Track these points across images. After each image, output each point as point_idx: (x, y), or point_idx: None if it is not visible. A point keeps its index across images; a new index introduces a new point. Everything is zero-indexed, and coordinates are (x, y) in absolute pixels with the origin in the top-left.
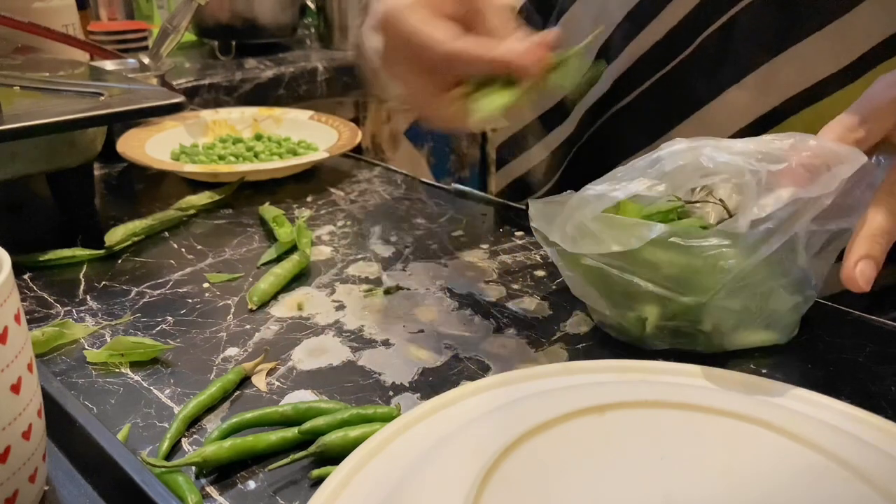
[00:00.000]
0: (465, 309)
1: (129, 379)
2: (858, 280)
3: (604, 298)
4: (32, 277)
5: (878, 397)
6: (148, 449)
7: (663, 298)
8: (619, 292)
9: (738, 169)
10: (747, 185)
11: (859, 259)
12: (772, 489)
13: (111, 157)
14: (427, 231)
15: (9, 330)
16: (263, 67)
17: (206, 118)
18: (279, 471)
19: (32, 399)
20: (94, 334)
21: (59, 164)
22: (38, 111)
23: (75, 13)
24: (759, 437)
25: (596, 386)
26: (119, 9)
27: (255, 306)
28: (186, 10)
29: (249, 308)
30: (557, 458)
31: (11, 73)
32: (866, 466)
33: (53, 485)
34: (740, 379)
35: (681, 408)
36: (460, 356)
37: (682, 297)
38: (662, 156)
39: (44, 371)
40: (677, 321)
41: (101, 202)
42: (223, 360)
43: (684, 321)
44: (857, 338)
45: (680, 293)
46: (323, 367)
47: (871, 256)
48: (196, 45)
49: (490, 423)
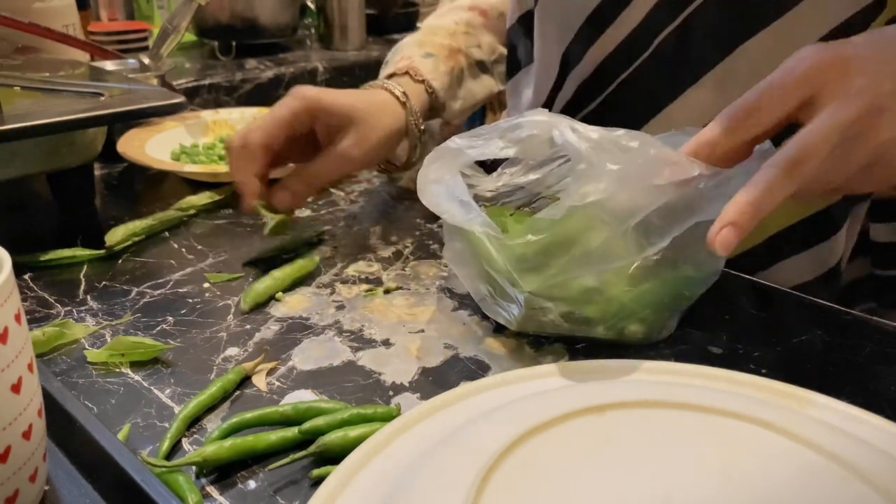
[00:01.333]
0: (465, 309)
1: (129, 379)
2: (716, 246)
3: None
4: (33, 277)
5: (878, 397)
6: (148, 449)
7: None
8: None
9: (578, 153)
10: (577, 173)
11: (724, 226)
12: (771, 489)
13: (111, 157)
14: (427, 231)
15: (9, 330)
16: (264, 68)
17: (206, 118)
18: (279, 471)
19: (33, 399)
20: (94, 334)
21: (59, 164)
22: (38, 111)
23: (75, 13)
24: (759, 437)
25: (596, 386)
26: (119, 9)
27: (248, 308)
28: (186, 10)
29: (242, 309)
30: (557, 458)
31: (12, 73)
32: (866, 466)
33: (54, 485)
34: (740, 379)
35: (681, 408)
36: (460, 356)
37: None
38: (522, 123)
39: (44, 371)
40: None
41: (101, 202)
42: (223, 360)
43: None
44: (857, 338)
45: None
46: (323, 367)
47: (736, 224)
48: (196, 46)
49: (490, 424)
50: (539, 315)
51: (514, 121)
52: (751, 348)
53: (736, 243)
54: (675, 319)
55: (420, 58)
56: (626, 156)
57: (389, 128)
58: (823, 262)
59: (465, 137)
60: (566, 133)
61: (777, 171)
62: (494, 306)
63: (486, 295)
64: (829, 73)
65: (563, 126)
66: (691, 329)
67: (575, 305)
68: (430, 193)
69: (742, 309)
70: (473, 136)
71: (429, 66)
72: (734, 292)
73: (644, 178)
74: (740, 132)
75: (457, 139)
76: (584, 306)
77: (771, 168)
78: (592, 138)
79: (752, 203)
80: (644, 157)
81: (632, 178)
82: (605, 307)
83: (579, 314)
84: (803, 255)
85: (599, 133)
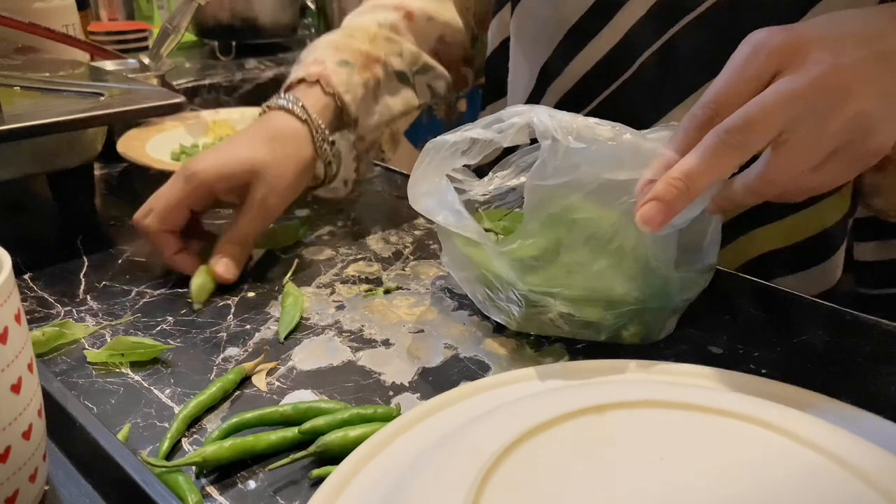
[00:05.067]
0: (465, 309)
1: (129, 379)
2: (637, 219)
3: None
4: (32, 277)
5: (878, 397)
6: (148, 449)
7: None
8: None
9: (547, 131)
10: (544, 150)
11: (648, 200)
12: (772, 489)
13: (111, 157)
14: (427, 231)
15: (9, 330)
16: (264, 67)
17: (206, 118)
18: (279, 471)
19: (33, 399)
20: (94, 334)
21: (59, 164)
22: (38, 111)
23: (75, 13)
24: (759, 437)
25: (596, 386)
26: (119, 9)
27: (201, 304)
28: (186, 10)
29: (195, 307)
30: (557, 458)
31: (12, 73)
32: (866, 466)
33: (53, 485)
34: (740, 379)
35: (681, 408)
36: (460, 356)
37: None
38: (503, 115)
39: (44, 371)
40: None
41: (101, 202)
42: (223, 360)
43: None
44: (857, 338)
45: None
46: (323, 367)
47: (661, 199)
48: (196, 45)
49: (490, 424)
50: (539, 314)
51: (496, 115)
52: (751, 348)
53: (661, 221)
54: (674, 319)
55: (334, 65)
56: (596, 138)
57: (298, 159)
58: (818, 285)
59: (449, 133)
60: (543, 117)
61: (718, 138)
62: (494, 307)
63: (485, 297)
64: (787, 54)
65: (540, 112)
66: (691, 329)
67: (575, 306)
68: (423, 203)
69: (742, 309)
70: (455, 131)
71: (343, 76)
72: (734, 292)
73: (617, 161)
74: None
75: (443, 136)
76: (584, 307)
77: (713, 136)
78: (565, 120)
79: (687, 173)
80: (618, 141)
81: (602, 158)
82: (605, 307)
83: (579, 316)
84: (799, 276)
85: (574, 117)
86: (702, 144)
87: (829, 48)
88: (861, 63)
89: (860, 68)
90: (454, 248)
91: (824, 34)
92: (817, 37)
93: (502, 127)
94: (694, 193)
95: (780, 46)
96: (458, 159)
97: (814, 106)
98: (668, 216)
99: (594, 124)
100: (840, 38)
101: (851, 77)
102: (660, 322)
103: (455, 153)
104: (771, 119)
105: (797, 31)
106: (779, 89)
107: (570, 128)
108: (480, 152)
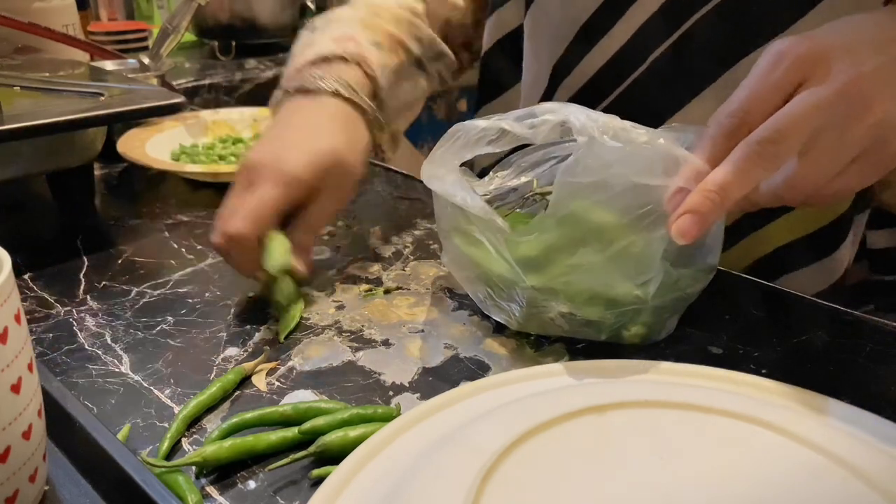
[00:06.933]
0: (465, 309)
1: (129, 379)
2: (673, 233)
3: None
4: (32, 277)
5: (878, 397)
6: (148, 449)
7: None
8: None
9: (584, 129)
10: (579, 147)
11: (683, 213)
12: (772, 489)
13: (111, 157)
14: (427, 231)
15: (9, 330)
16: (263, 67)
17: (206, 118)
18: (279, 471)
19: (32, 399)
20: (94, 334)
21: (59, 164)
22: (38, 111)
23: (75, 13)
24: (759, 437)
25: (596, 386)
26: (119, 9)
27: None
28: (186, 10)
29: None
30: (557, 458)
31: (12, 73)
32: (866, 466)
33: (53, 485)
34: (740, 379)
35: (681, 408)
36: (460, 356)
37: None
38: (535, 110)
39: (44, 371)
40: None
41: (101, 202)
42: (223, 360)
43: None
44: (857, 338)
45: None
46: (323, 367)
47: (696, 211)
48: (196, 45)
49: (490, 423)
50: (540, 313)
51: (528, 109)
52: (751, 348)
53: (696, 234)
54: (674, 319)
55: (368, 44)
56: (632, 140)
57: (363, 143)
58: (829, 275)
59: (480, 119)
60: (579, 115)
61: (750, 150)
62: (495, 306)
63: (486, 297)
64: (810, 64)
65: (575, 110)
66: (691, 329)
67: (576, 305)
68: (440, 182)
69: (742, 309)
70: (489, 118)
71: (378, 58)
72: (734, 292)
73: (649, 165)
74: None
75: (473, 121)
76: (585, 306)
77: (744, 147)
78: (602, 120)
79: (722, 186)
80: (653, 144)
81: (634, 160)
82: (606, 307)
83: (580, 315)
84: (808, 269)
85: (611, 118)
86: (733, 156)
87: (850, 57)
88: (881, 69)
89: (880, 75)
90: (454, 247)
91: (844, 42)
92: (838, 45)
93: (535, 122)
94: (728, 205)
95: (804, 56)
96: (482, 147)
97: (838, 115)
98: (703, 228)
99: (630, 127)
100: (859, 46)
101: (872, 85)
102: (660, 322)
103: (481, 140)
104: (800, 130)
105: (818, 39)
106: (806, 100)
107: (606, 127)
108: (507, 144)
